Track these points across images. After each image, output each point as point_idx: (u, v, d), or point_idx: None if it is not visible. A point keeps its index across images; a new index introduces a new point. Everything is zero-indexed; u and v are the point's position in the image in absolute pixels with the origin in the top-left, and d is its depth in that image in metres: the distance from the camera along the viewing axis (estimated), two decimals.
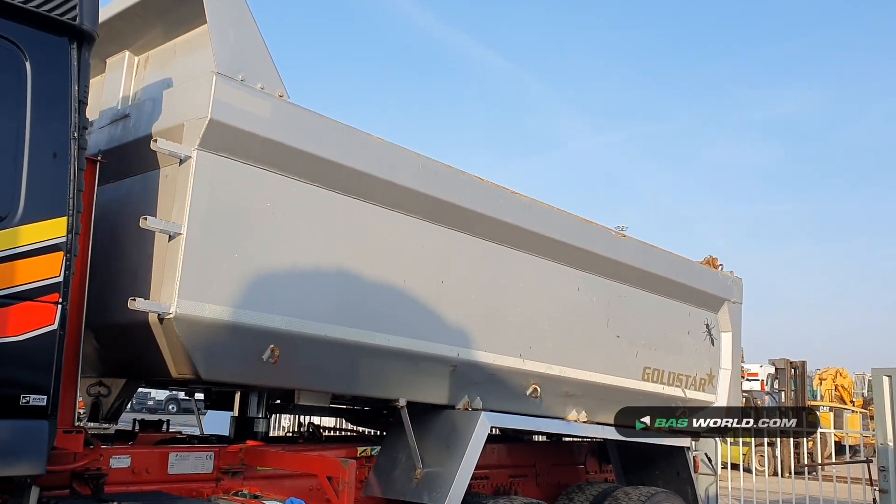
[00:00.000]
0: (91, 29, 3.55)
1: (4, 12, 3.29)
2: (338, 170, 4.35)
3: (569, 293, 5.88)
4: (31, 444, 3.28)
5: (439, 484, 4.85)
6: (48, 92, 3.41)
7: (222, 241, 3.89)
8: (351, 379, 4.62)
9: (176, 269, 3.71)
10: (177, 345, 3.81)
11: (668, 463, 7.09)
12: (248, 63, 4.01)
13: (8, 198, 3.24)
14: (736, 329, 7.61)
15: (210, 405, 5.97)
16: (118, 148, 4.31)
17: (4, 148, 3.30)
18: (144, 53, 4.58)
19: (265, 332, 4.03)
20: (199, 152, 3.80)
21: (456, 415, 5.17)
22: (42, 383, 3.29)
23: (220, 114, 3.82)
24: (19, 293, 3.22)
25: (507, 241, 5.36)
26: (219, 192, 3.88)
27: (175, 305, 3.68)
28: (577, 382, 5.87)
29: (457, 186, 5.02)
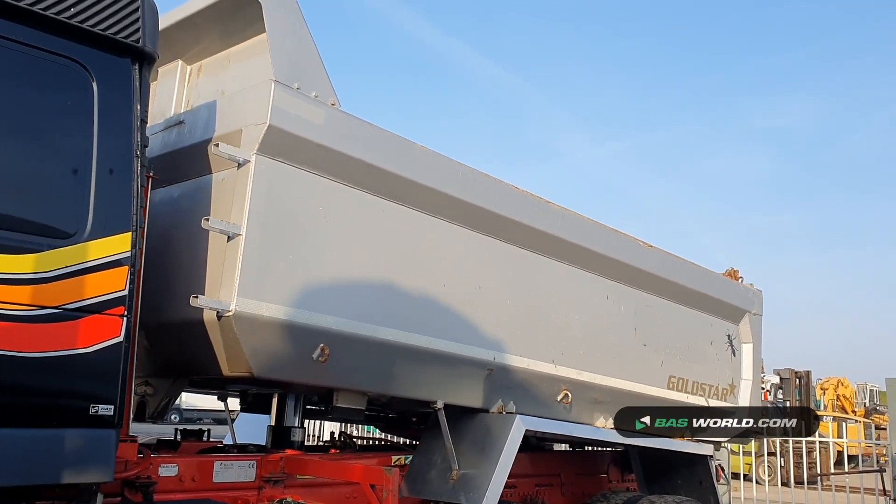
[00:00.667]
0: (152, 50, 3.70)
1: (73, 35, 3.43)
2: (384, 176, 4.49)
3: (598, 301, 6.01)
4: (100, 453, 3.39)
5: (476, 485, 4.95)
6: (113, 111, 3.54)
7: (278, 242, 4.03)
8: (393, 379, 4.74)
9: (235, 268, 3.85)
10: (233, 342, 3.94)
11: (691, 472, 7.17)
12: (303, 72, 4.17)
13: (77, 215, 3.36)
14: (756, 340, 7.73)
15: (246, 408, 6.07)
16: (172, 153, 4.47)
17: (74, 166, 3.41)
18: (197, 63, 4.75)
19: (316, 331, 4.16)
20: (258, 157, 3.94)
21: (490, 418, 5.28)
22: (110, 393, 3.40)
23: (278, 120, 3.97)
24: (88, 306, 3.34)
25: (541, 248, 5.50)
26: (275, 196, 4.02)
27: (234, 303, 3.82)
28: (605, 389, 5.98)
29: (494, 194, 5.17)
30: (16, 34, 3.28)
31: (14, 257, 3.15)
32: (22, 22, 3.30)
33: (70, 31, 3.42)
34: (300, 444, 5.43)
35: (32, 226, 3.29)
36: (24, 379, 3.20)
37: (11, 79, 3.31)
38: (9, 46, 3.26)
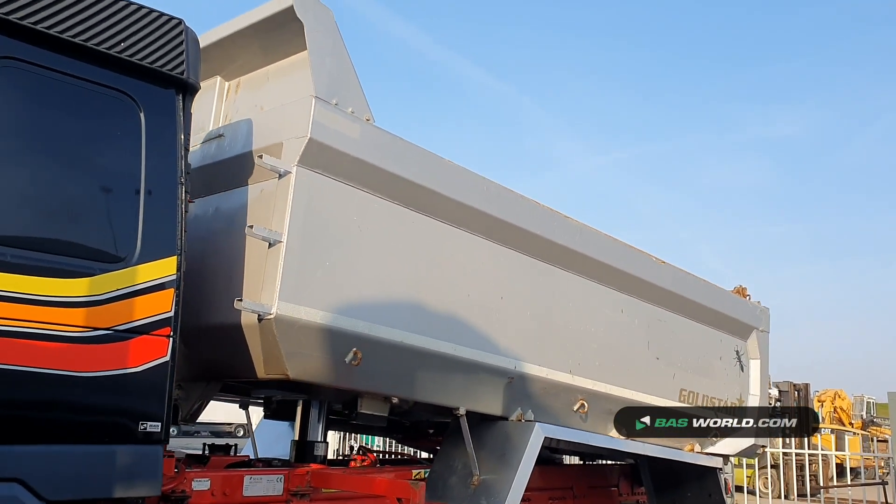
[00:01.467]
0: (195, 81, 3.89)
1: (122, 68, 3.61)
2: (414, 189, 4.69)
3: (613, 314, 6.19)
4: (148, 468, 3.56)
5: (496, 490, 5.09)
6: (159, 140, 3.70)
7: (315, 249, 4.22)
8: (420, 385, 4.90)
9: (276, 273, 4.03)
10: (272, 345, 4.11)
11: (700, 484, 7.30)
12: (341, 89, 4.38)
13: (127, 240, 3.53)
14: (764, 357, 7.90)
15: (270, 415, 6.22)
16: (211, 165, 4.67)
17: (124, 194, 3.59)
18: (235, 79, 4.96)
19: (350, 335, 4.33)
20: (299, 168, 4.14)
21: (510, 426, 5.44)
22: (157, 411, 3.57)
23: (318, 134, 4.17)
24: (137, 328, 3.51)
25: (559, 262, 5.69)
26: (313, 205, 4.21)
27: (276, 307, 3.99)
28: (620, 400, 6.14)
29: (516, 208, 5.37)
30: (69, 68, 3.47)
31: (69, 281, 3.32)
32: (75, 56, 3.48)
33: (119, 64, 3.60)
34: (323, 458, 5.54)
35: (86, 251, 3.47)
36: (78, 397, 3.37)
37: (66, 111, 3.49)
38: (63, 80, 3.45)
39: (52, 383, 3.25)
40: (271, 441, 6.94)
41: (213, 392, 5.13)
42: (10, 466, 3.14)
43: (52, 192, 3.41)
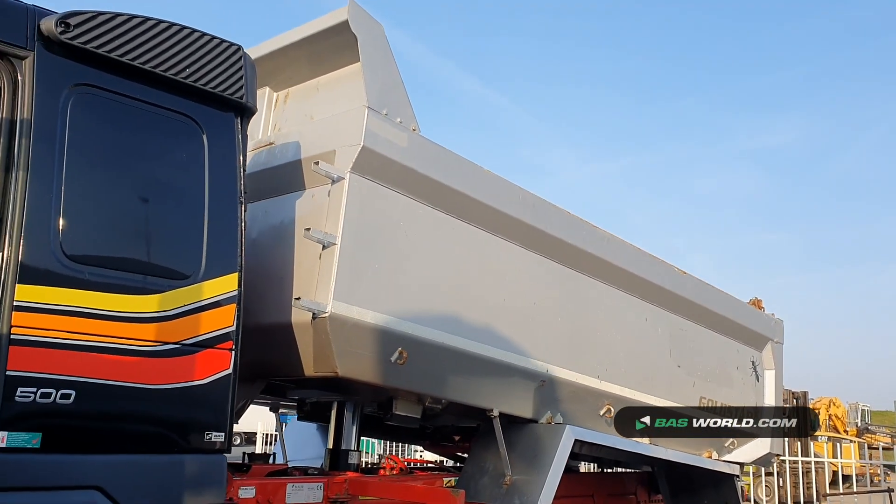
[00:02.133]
0: (253, 105, 4.07)
1: (187, 93, 3.78)
2: (455, 196, 4.90)
3: (638, 322, 6.38)
4: (215, 476, 3.72)
5: (529, 490, 5.25)
6: (221, 162, 3.87)
7: (366, 252, 4.41)
8: (458, 385, 5.08)
9: (331, 274, 4.22)
10: (324, 343, 4.29)
11: (717, 492, 7.45)
12: (390, 99, 4.59)
13: (193, 258, 3.70)
14: (778, 368, 8.09)
15: (303, 416, 6.38)
16: (262, 171, 4.86)
17: (190, 213, 3.74)
18: (285, 90, 5.18)
19: (396, 335, 4.51)
20: (352, 174, 4.34)
21: (541, 428, 5.61)
22: (221, 421, 3.73)
23: (370, 142, 4.38)
24: (203, 341, 3.67)
25: (588, 270, 5.89)
26: (365, 210, 4.41)
27: (330, 306, 4.18)
28: (644, 406, 6.32)
29: (549, 217, 5.57)
30: (140, 94, 3.63)
31: (141, 297, 3.48)
32: (145, 82, 3.64)
33: (185, 89, 3.76)
34: (357, 466, 5.68)
35: (156, 268, 3.62)
36: (150, 408, 3.53)
37: (136, 134, 3.67)
38: (133, 105, 3.62)
39: (127, 395, 3.41)
40: (299, 444, 7.12)
41: (256, 392, 5.31)
42: (91, 474, 3.29)
43: (125, 212, 3.59)
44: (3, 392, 3.06)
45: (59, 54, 3.38)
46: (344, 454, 5.64)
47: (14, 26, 3.30)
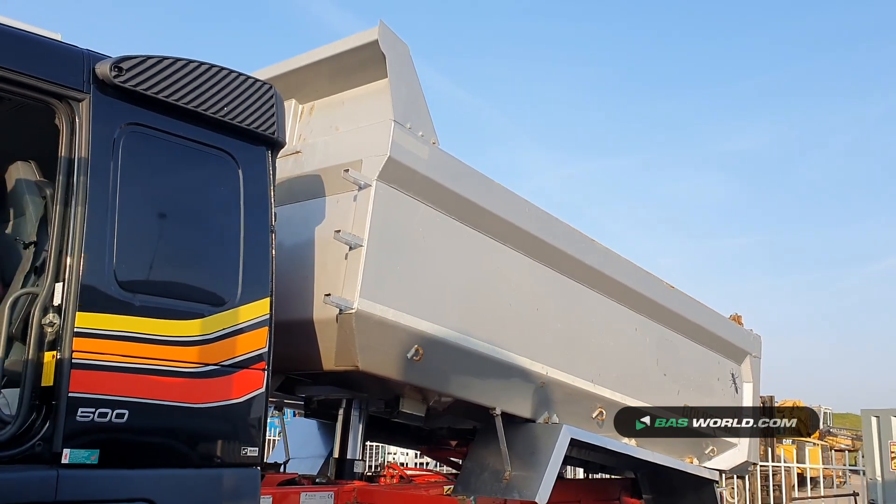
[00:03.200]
0: (283, 138, 4.28)
1: (224, 129, 4.00)
2: (470, 206, 5.27)
3: (629, 331, 6.78)
4: (251, 488, 3.97)
5: (528, 483, 5.60)
6: (254, 193, 4.09)
7: (389, 255, 4.75)
8: (466, 383, 5.42)
9: (358, 273, 4.55)
10: (348, 338, 4.61)
11: (698, 498, 7.86)
12: (414, 114, 4.95)
13: (231, 284, 3.92)
14: (756, 381, 8.54)
15: (309, 414, 6.67)
16: (289, 179, 5.19)
17: (227, 243, 3.97)
18: (310, 102, 5.52)
19: (415, 333, 4.85)
20: (378, 182, 4.69)
21: (539, 427, 5.96)
22: (255, 437, 3.96)
23: (396, 153, 4.74)
24: (239, 363, 3.90)
25: (586, 280, 6.28)
26: (389, 215, 4.76)
27: (357, 303, 4.51)
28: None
29: (552, 228, 5.97)
30: (181, 131, 3.85)
31: (185, 322, 3.71)
32: (186, 120, 3.86)
33: (222, 126, 3.99)
34: (361, 475, 5.93)
35: (198, 294, 3.84)
36: (194, 426, 3.76)
37: (178, 169, 3.90)
38: (176, 142, 3.84)
39: (173, 414, 3.65)
40: (301, 442, 7.39)
41: (274, 386, 5.58)
42: (141, 488, 3.52)
43: (170, 242, 3.83)
44: (66, 412, 3.29)
45: (112, 96, 3.61)
46: (350, 463, 5.89)
47: (72, 71, 3.54)
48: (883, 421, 8.92)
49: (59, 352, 3.33)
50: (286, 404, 7.13)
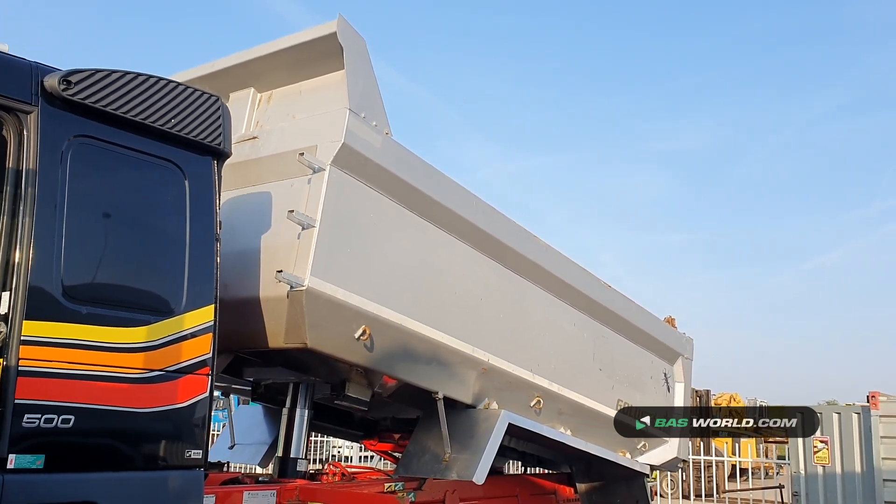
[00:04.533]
0: (229, 150, 4.42)
1: (171, 140, 4.13)
2: (419, 196, 5.52)
3: (567, 326, 7.10)
4: (194, 490, 4.12)
5: (467, 464, 5.84)
6: (200, 203, 4.21)
7: (340, 237, 4.96)
8: (410, 366, 5.63)
9: (309, 252, 4.75)
10: (298, 315, 4.79)
11: (629, 492, 8.21)
12: (368, 105, 5.19)
13: (177, 292, 4.05)
14: (687, 381, 8.94)
15: (256, 398, 6.79)
16: (244, 163, 5.37)
17: (173, 252, 4.09)
18: (268, 91, 5.71)
19: (362, 313, 5.06)
20: (332, 167, 4.91)
21: (479, 412, 6.22)
22: (199, 440, 4.10)
23: (350, 140, 4.97)
24: (184, 368, 4.02)
25: (528, 275, 6.58)
26: (341, 199, 4.98)
27: (307, 280, 4.71)
28: (569, 402, 7.00)
29: (497, 223, 6.26)
30: (130, 143, 3.96)
31: (131, 329, 3.82)
32: (134, 132, 3.97)
33: (170, 137, 4.11)
34: (304, 473, 6.08)
35: (144, 303, 3.97)
36: (138, 430, 3.86)
37: (127, 181, 4.01)
38: (124, 153, 3.94)
39: (119, 418, 3.76)
40: (246, 428, 7.51)
41: (222, 366, 5.71)
42: (87, 491, 3.60)
43: (117, 252, 3.93)
44: (11, 419, 3.37)
45: (60, 108, 3.69)
46: (293, 462, 6.05)
47: (20, 84, 3.61)
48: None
49: (5, 359, 3.40)
50: (233, 390, 7.27)
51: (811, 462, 9.90)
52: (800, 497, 9.71)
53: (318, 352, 5.05)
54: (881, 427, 9.77)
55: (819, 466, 9.89)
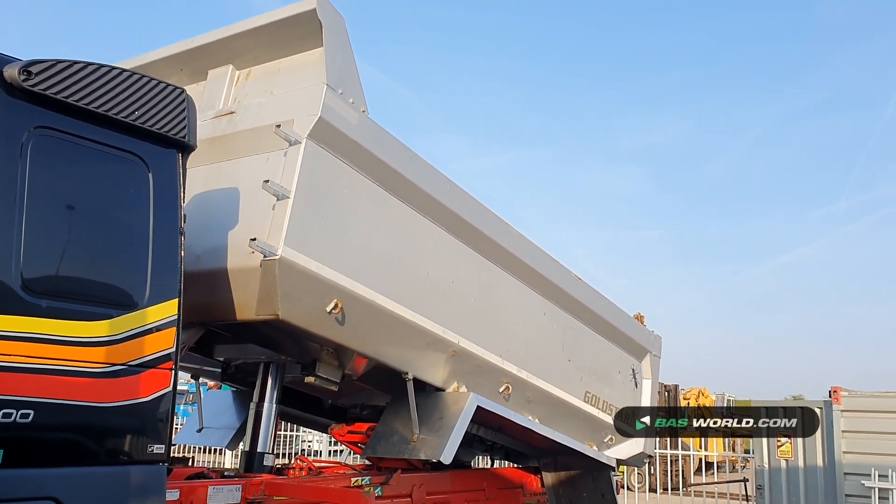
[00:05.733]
0: (193, 142, 4.39)
1: (134, 133, 4.09)
2: (394, 175, 5.58)
3: (537, 315, 7.18)
4: (156, 484, 4.10)
5: (434, 444, 5.87)
6: (164, 196, 4.19)
7: (314, 210, 5.01)
8: (380, 343, 5.68)
9: (284, 222, 4.79)
10: (271, 285, 4.82)
11: (595, 486, 8.25)
12: (346, 82, 5.26)
13: (140, 286, 4.03)
14: (655, 378, 9.06)
15: (226, 378, 6.79)
16: (221, 137, 5.41)
17: (136, 245, 4.06)
18: (247, 68, 5.75)
19: (334, 287, 5.10)
20: (307, 140, 4.96)
21: (448, 395, 6.26)
22: (162, 434, 4.08)
23: (327, 114, 5.02)
24: (146, 362, 4.01)
25: (500, 262, 6.66)
26: (316, 173, 5.02)
27: (281, 250, 4.74)
28: (537, 390, 7.07)
29: (471, 208, 6.34)
30: (91, 134, 3.93)
31: (93, 323, 3.80)
32: (96, 124, 3.94)
33: (133, 129, 4.08)
34: (271, 468, 6.08)
35: (106, 297, 3.94)
36: (100, 425, 3.84)
37: (89, 173, 3.96)
38: (85, 145, 3.91)
39: (80, 413, 3.73)
40: (215, 412, 7.50)
41: (193, 339, 5.66)
42: (47, 486, 3.58)
43: (78, 245, 3.89)
44: None
45: (21, 99, 3.65)
46: (260, 456, 6.05)
47: None
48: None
49: None
50: (203, 373, 7.25)
51: (775, 456, 10.12)
52: (763, 490, 9.90)
53: (290, 324, 5.06)
54: (843, 422, 10.04)
55: (782, 460, 10.13)
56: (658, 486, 13.72)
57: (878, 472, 10.12)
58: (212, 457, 15.25)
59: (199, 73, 5.88)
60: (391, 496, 6.10)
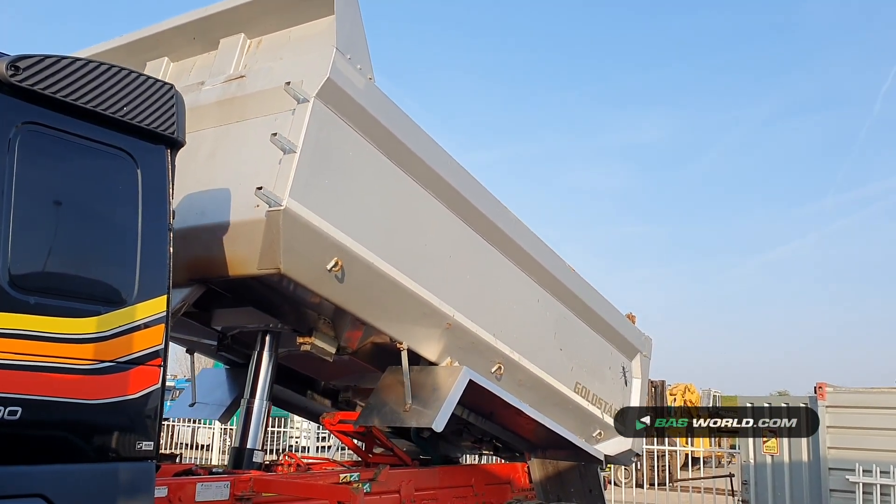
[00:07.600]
0: (182, 138, 4.37)
1: (123, 129, 4.08)
2: (397, 144, 5.72)
3: (531, 301, 7.28)
4: (145, 482, 4.07)
5: (426, 413, 5.94)
6: (153, 192, 4.17)
7: (319, 167, 5.13)
8: (378, 308, 5.76)
9: (290, 174, 4.90)
10: (274, 236, 4.91)
11: (582, 482, 8.31)
12: (354, 49, 5.41)
13: (128, 282, 4.01)
14: (644, 378, 9.14)
15: (221, 349, 6.83)
16: (230, 99, 5.55)
17: (125, 241, 4.04)
18: (258, 37, 5.91)
19: (336, 245, 5.20)
20: (316, 99, 5.11)
21: (441, 368, 6.34)
22: (150, 431, 4.07)
23: (335, 76, 5.17)
24: (135, 359, 3.98)
25: (497, 243, 6.78)
26: (322, 132, 5.15)
27: (286, 201, 4.85)
28: (528, 373, 7.14)
29: (471, 187, 6.47)
30: (79, 130, 3.91)
31: (81, 320, 3.78)
32: (84, 119, 3.92)
33: (121, 125, 4.06)
34: (259, 465, 6.12)
35: (94, 293, 3.93)
36: (88, 422, 3.82)
37: (76, 169, 3.96)
38: (73, 141, 3.90)
39: (68, 410, 3.71)
40: (208, 388, 7.53)
41: (193, 297, 5.74)
42: (35, 484, 3.56)
43: (67, 241, 3.89)
44: None
45: (8, 94, 3.63)
46: (249, 453, 6.10)
47: None
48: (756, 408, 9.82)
49: None
50: (199, 347, 7.30)
51: (760, 451, 10.20)
52: (749, 485, 9.95)
53: (290, 279, 5.16)
54: (828, 417, 10.16)
55: (768, 456, 10.20)
56: (644, 481, 13.69)
57: (862, 467, 10.30)
58: (200, 453, 15.14)
59: (212, 43, 6.04)
60: (380, 492, 6.14)
